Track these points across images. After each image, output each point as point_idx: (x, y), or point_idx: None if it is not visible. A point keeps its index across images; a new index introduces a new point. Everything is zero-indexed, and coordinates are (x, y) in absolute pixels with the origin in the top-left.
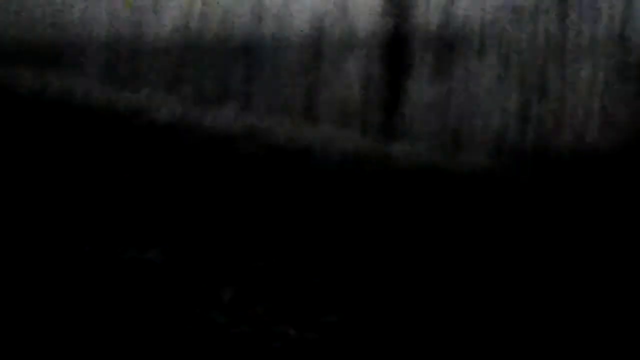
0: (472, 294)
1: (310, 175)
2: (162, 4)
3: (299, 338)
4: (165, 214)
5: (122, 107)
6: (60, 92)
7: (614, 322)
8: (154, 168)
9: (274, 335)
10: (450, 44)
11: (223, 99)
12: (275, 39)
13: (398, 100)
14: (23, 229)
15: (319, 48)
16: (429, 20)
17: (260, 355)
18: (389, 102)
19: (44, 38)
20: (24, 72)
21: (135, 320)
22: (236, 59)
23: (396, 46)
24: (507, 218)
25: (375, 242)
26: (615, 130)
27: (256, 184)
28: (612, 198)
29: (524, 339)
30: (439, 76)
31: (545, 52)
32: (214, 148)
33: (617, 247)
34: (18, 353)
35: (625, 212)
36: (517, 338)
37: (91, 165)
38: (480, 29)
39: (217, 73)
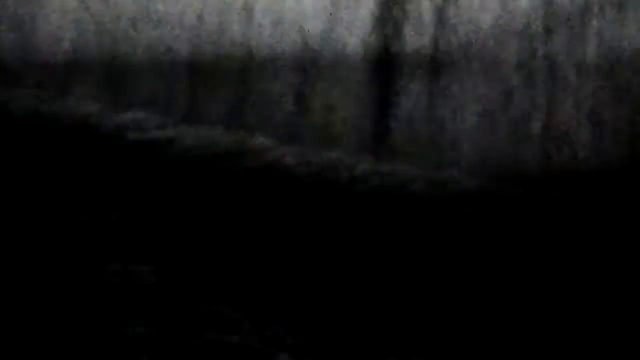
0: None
1: (289, 193)
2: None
3: None
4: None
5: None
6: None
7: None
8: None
9: None
10: (440, 63)
11: (215, 120)
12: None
13: (387, 117)
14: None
15: (309, 66)
16: (420, 39)
17: None
18: (378, 120)
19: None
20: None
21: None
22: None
23: (386, 64)
24: (501, 237)
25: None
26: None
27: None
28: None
29: None
30: (429, 94)
31: (536, 72)
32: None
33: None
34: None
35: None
36: None
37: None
38: (472, 48)
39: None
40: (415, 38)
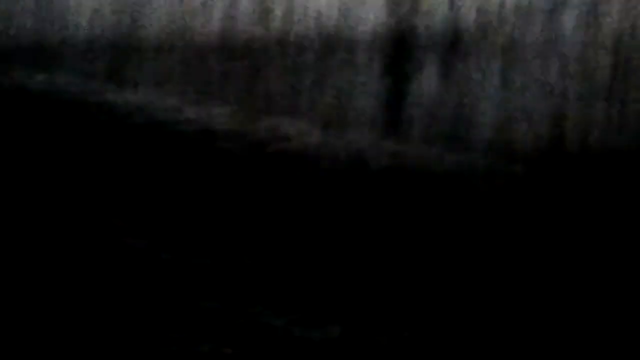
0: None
1: (308, 177)
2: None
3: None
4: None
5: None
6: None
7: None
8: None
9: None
10: (453, 45)
11: (227, 97)
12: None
13: (401, 100)
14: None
15: (323, 49)
16: (433, 21)
17: None
18: (392, 102)
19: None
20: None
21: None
22: (240, 59)
23: (400, 47)
24: (507, 216)
25: (379, 240)
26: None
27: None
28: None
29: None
30: (442, 77)
31: (548, 52)
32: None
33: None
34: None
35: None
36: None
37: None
38: (485, 30)
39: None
40: (429, 18)
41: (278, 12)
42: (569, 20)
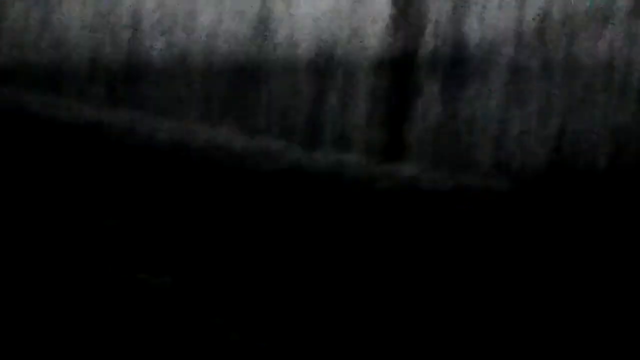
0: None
1: (315, 199)
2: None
3: None
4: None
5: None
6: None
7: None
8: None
9: None
10: (459, 65)
11: (225, 118)
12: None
13: (405, 120)
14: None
15: (326, 68)
16: (439, 41)
17: None
18: (395, 122)
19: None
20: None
21: None
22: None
23: (404, 66)
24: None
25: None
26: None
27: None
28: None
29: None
30: (447, 97)
31: (552, 75)
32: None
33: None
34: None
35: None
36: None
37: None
38: (490, 50)
39: (220, 93)
40: (432, 38)
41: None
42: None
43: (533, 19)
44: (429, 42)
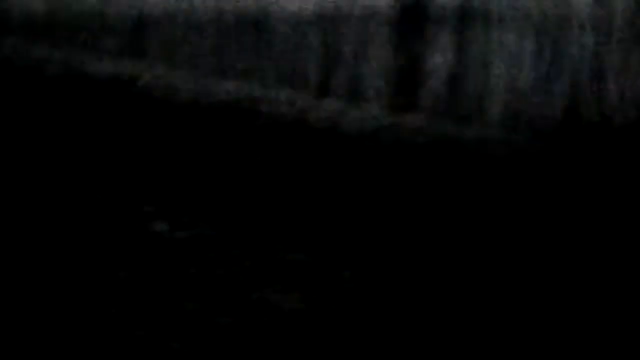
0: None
1: (326, 149)
2: None
3: None
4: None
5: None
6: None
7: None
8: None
9: None
10: (469, 15)
11: (231, 72)
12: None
13: (415, 72)
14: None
15: (335, 21)
16: None
17: None
18: (406, 74)
19: None
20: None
21: None
22: (247, 34)
23: (415, 17)
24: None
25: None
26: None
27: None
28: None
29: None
30: (457, 48)
31: (563, 23)
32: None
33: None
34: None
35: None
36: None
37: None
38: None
39: (226, 47)
40: None
41: None
42: None
43: None
44: None
